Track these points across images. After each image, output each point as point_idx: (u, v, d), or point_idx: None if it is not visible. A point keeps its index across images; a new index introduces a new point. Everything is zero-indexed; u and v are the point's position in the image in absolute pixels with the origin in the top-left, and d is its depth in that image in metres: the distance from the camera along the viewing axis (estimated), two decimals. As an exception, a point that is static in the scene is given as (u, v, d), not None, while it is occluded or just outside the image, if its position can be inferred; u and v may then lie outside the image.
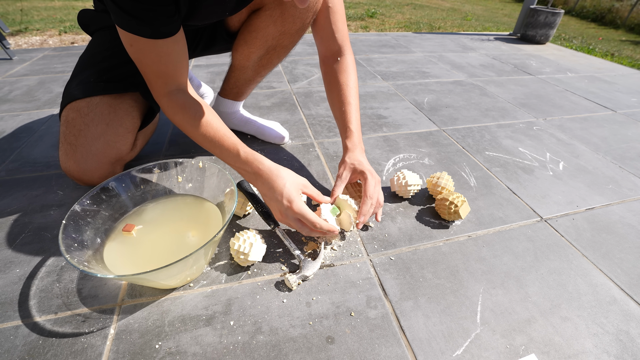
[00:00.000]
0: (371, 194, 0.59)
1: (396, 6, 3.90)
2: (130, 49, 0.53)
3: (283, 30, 0.70)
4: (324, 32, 0.70)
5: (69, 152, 0.65)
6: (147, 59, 0.54)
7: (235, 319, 0.48)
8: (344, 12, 0.71)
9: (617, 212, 0.74)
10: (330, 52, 0.72)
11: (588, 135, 1.08)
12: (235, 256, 0.54)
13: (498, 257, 0.61)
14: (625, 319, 0.51)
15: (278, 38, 0.72)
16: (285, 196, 0.52)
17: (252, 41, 0.73)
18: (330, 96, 0.73)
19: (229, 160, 0.57)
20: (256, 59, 0.77)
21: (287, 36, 0.72)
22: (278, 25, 0.69)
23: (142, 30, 0.49)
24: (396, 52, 1.90)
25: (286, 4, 0.67)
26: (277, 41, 0.73)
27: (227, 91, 0.87)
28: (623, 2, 4.85)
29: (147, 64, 0.54)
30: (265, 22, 0.70)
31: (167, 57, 0.54)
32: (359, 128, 0.69)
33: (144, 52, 0.53)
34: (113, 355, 0.43)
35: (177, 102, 0.57)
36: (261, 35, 0.72)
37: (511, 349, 0.46)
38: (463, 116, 1.15)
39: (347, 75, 0.71)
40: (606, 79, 1.66)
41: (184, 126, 0.57)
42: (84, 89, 0.66)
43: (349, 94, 0.69)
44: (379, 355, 0.45)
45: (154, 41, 0.51)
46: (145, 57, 0.54)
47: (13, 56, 1.55)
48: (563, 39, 2.87)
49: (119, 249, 0.52)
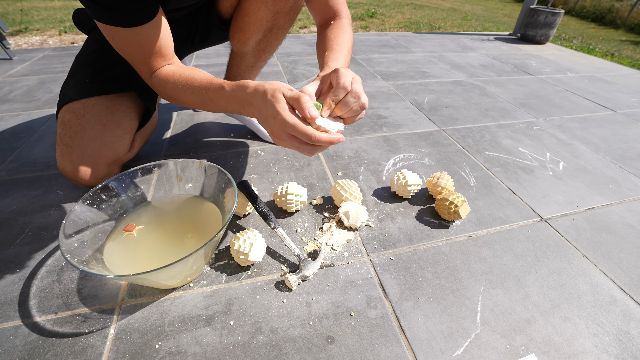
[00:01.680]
0: (345, 83, 0.47)
1: (396, 6, 3.90)
2: (112, 42, 0.53)
3: (276, 10, 0.66)
4: (318, 3, 0.68)
5: (65, 153, 0.65)
6: (130, 48, 0.53)
7: (235, 319, 0.48)
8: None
9: (617, 212, 0.74)
10: (325, 19, 0.69)
11: (588, 135, 1.08)
12: (235, 256, 0.54)
13: (498, 257, 0.61)
14: (625, 319, 0.51)
15: (272, 19, 0.68)
16: (270, 113, 0.45)
17: (247, 27, 0.69)
18: (318, 49, 0.66)
19: (221, 102, 0.53)
20: (254, 44, 0.74)
21: (282, 15, 0.68)
22: (270, 5, 0.65)
23: (118, 19, 0.49)
24: (396, 52, 1.90)
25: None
26: (272, 23, 0.69)
27: (230, 79, 0.85)
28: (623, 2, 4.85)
29: (130, 53, 0.54)
30: (255, 4, 0.66)
31: (149, 43, 0.53)
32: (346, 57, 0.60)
33: (125, 42, 0.52)
34: (113, 355, 0.43)
35: (165, 72, 0.56)
36: (254, 20, 0.68)
37: (511, 349, 0.46)
38: (463, 116, 1.15)
39: (336, 31, 0.65)
40: (606, 79, 1.66)
41: (174, 92, 0.56)
42: (79, 90, 0.66)
43: (334, 42, 0.62)
44: (379, 355, 0.45)
45: (132, 29, 0.51)
46: (127, 47, 0.53)
47: (13, 56, 1.55)
48: (563, 39, 2.87)
49: (119, 249, 0.52)
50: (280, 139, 0.47)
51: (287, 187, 0.65)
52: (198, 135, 0.95)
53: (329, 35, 0.65)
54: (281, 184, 0.76)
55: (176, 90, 0.56)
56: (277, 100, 0.44)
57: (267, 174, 0.80)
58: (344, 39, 0.64)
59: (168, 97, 0.58)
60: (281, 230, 0.59)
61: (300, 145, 0.46)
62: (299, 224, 0.65)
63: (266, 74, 1.45)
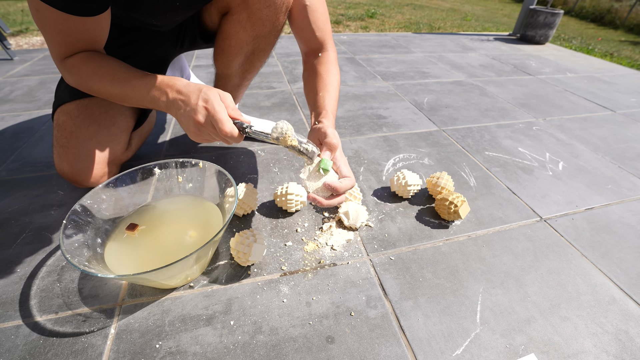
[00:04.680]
0: (348, 172, 0.51)
1: (396, 6, 3.90)
2: (35, 14, 0.46)
3: (254, 34, 0.67)
4: (303, 32, 0.67)
5: (61, 154, 0.65)
6: (54, 29, 0.48)
7: (235, 318, 0.48)
8: (326, 8, 0.68)
9: (616, 212, 0.74)
10: (311, 49, 0.69)
11: (587, 135, 1.08)
12: (235, 256, 0.54)
13: (498, 257, 0.61)
14: (624, 318, 0.52)
15: (252, 43, 0.68)
16: (201, 97, 0.46)
17: (228, 49, 0.70)
18: (307, 86, 0.66)
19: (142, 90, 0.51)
20: (237, 66, 0.74)
21: (262, 39, 0.68)
22: (248, 30, 0.66)
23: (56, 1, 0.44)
24: (396, 52, 1.90)
25: (252, 7, 0.63)
26: (253, 46, 0.69)
27: None
28: (622, 3, 4.85)
29: (53, 34, 0.49)
30: (234, 27, 0.66)
31: (80, 33, 0.49)
32: (334, 114, 0.60)
33: (51, 22, 0.47)
34: (113, 354, 0.43)
35: (79, 57, 0.52)
36: (235, 43, 0.68)
37: (511, 348, 0.46)
38: (463, 116, 1.15)
39: (327, 67, 0.65)
40: (605, 79, 1.66)
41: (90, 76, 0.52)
42: (72, 92, 0.65)
43: (327, 83, 0.63)
44: (378, 355, 0.45)
45: (67, 15, 0.45)
46: (51, 28, 0.48)
47: (14, 56, 1.55)
48: (562, 39, 2.87)
49: (120, 248, 0.53)
50: (202, 129, 0.47)
51: (287, 187, 0.65)
52: (198, 135, 0.95)
53: (320, 71, 0.65)
54: (281, 184, 0.76)
55: (93, 75, 0.52)
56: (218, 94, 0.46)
57: (267, 174, 0.80)
58: (335, 76, 0.65)
59: (80, 81, 0.54)
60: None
61: (217, 134, 0.48)
62: (299, 224, 0.65)
63: (266, 74, 1.46)
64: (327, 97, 0.60)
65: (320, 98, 0.60)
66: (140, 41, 0.70)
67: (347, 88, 1.35)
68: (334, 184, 0.48)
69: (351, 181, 0.50)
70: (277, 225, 0.65)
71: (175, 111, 0.49)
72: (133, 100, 0.53)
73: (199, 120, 0.46)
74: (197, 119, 0.46)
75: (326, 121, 0.55)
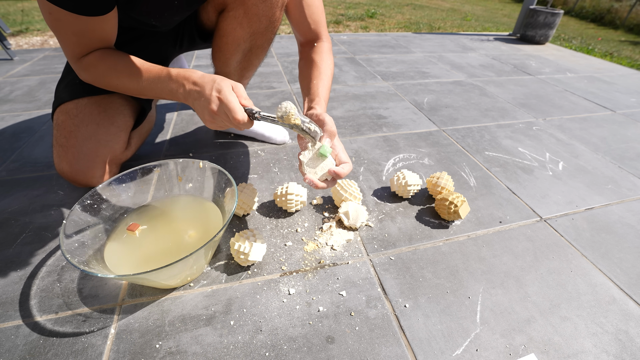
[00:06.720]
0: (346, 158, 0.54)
1: (396, 6, 3.90)
2: (48, 17, 0.49)
3: (251, 31, 0.67)
4: (300, 26, 0.69)
5: (61, 154, 0.65)
6: (67, 30, 0.50)
7: (235, 318, 0.48)
8: (321, 1, 0.69)
9: (616, 212, 0.74)
10: (307, 40, 0.71)
11: (587, 135, 1.08)
12: (235, 256, 0.54)
13: (498, 257, 0.61)
14: (624, 318, 0.52)
15: (250, 40, 0.69)
16: (215, 87, 0.49)
17: (225, 47, 0.70)
18: (302, 73, 0.68)
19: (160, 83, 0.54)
20: (235, 64, 0.74)
21: (259, 36, 0.68)
22: (245, 26, 0.66)
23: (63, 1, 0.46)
24: (396, 52, 1.90)
25: (248, 2, 0.63)
26: (251, 43, 0.69)
27: None
28: (622, 3, 4.85)
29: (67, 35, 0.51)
30: (231, 24, 0.67)
31: (92, 32, 0.52)
32: (326, 101, 0.62)
33: (64, 24, 0.49)
34: (113, 354, 0.43)
35: (95, 55, 0.54)
36: (232, 40, 0.68)
37: (511, 348, 0.46)
38: (463, 116, 1.15)
39: (321, 56, 0.67)
40: (605, 79, 1.66)
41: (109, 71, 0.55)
42: (70, 91, 0.66)
43: (321, 72, 0.64)
44: (378, 355, 0.45)
45: (77, 16, 0.48)
46: (65, 29, 0.50)
47: (14, 56, 1.55)
48: (562, 39, 2.87)
49: (120, 248, 0.53)
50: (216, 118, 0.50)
51: (287, 187, 0.65)
52: (198, 135, 0.95)
53: (315, 59, 0.67)
54: (281, 184, 0.76)
55: (110, 71, 0.55)
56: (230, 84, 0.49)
57: (267, 174, 0.80)
58: (328, 65, 0.67)
59: (98, 77, 0.56)
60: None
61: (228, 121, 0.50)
62: (299, 224, 0.65)
63: (266, 74, 1.46)
64: (321, 84, 0.63)
65: (314, 85, 0.63)
66: (140, 42, 0.71)
67: (347, 88, 1.35)
68: (337, 170, 0.51)
69: (350, 167, 0.53)
70: (277, 225, 0.65)
71: (192, 101, 0.52)
72: (151, 93, 0.56)
73: (213, 109, 0.49)
74: (211, 108, 0.49)
75: (319, 107, 0.58)
